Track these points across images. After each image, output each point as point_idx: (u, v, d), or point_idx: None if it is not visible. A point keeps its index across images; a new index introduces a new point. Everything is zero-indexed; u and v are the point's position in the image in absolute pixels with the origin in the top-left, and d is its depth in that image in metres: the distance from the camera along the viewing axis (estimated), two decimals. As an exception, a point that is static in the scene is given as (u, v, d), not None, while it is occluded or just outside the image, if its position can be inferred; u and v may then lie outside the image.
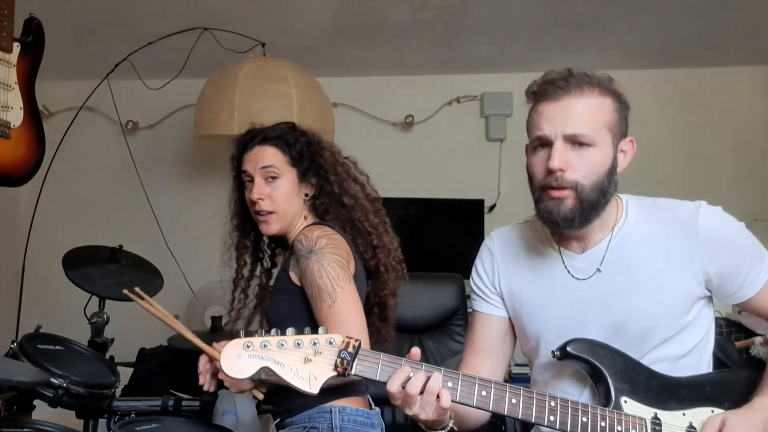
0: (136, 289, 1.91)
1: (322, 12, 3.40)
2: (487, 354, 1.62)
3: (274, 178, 1.82)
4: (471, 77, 4.15)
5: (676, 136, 4.08)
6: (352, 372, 1.25)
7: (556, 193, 1.40)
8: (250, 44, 3.56)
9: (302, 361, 1.23)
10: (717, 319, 2.91)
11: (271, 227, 1.83)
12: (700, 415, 1.41)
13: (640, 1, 3.27)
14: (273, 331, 1.25)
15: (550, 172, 1.39)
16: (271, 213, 1.82)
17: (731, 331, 2.92)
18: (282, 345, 1.23)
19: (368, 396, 1.82)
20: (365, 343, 1.56)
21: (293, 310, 1.73)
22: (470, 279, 1.65)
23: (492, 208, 3.97)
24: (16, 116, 2.23)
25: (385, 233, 1.89)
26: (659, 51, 3.85)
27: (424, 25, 3.55)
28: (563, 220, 1.41)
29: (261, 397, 1.77)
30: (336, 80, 3.93)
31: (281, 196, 1.82)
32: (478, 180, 4.00)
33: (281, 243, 1.95)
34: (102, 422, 2.25)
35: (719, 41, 3.72)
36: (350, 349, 1.25)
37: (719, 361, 1.62)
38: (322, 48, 3.76)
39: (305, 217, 1.86)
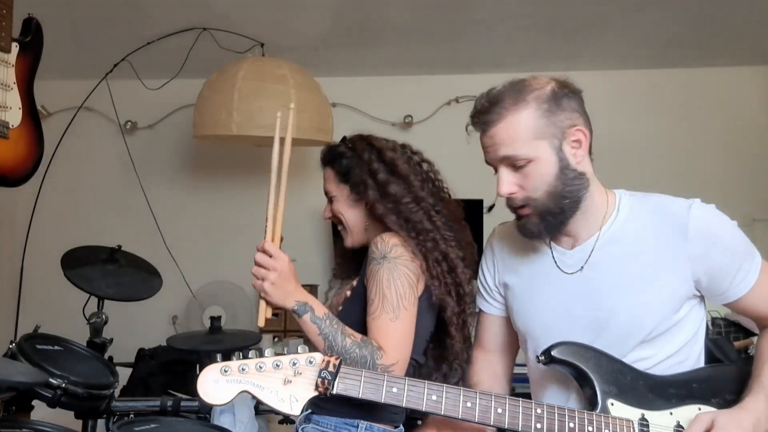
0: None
1: (321, 12, 3.39)
2: (495, 351, 1.67)
3: (331, 199, 1.83)
4: (470, 77, 4.14)
5: (675, 136, 4.08)
6: (334, 391, 1.23)
7: (518, 212, 1.48)
8: (248, 44, 3.56)
9: (282, 383, 1.21)
10: (716, 319, 2.93)
11: (346, 241, 1.84)
12: (687, 413, 1.40)
13: (639, 1, 3.27)
14: (251, 353, 1.23)
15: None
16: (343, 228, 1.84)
17: (730, 331, 2.92)
18: (260, 367, 1.21)
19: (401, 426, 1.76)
20: (402, 369, 1.51)
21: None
22: (479, 277, 1.69)
23: (491, 208, 3.97)
24: (14, 116, 2.23)
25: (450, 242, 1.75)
26: (658, 51, 3.85)
27: (423, 25, 3.55)
28: (530, 234, 1.48)
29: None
30: (335, 80, 3.92)
31: (339, 212, 1.81)
32: (477, 180, 3.96)
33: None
34: (101, 422, 2.25)
35: (718, 41, 3.73)
36: (331, 368, 1.23)
37: (718, 362, 1.61)
38: (321, 48, 3.76)
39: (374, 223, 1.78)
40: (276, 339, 3.87)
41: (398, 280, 1.61)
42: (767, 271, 1.48)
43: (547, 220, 1.44)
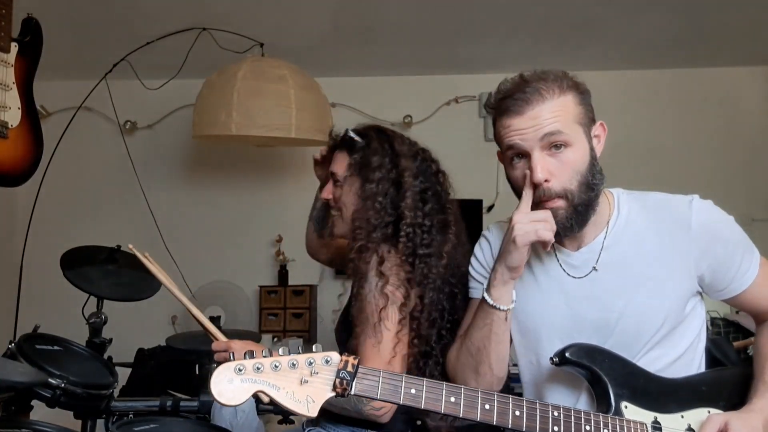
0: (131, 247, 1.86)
1: (321, 12, 3.39)
2: None
3: (336, 182, 1.80)
4: (469, 77, 4.15)
5: (675, 136, 4.09)
6: (352, 392, 1.19)
7: (547, 205, 1.39)
8: (248, 44, 3.55)
9: (298, 383, 1.17)
10: (715, 319, 2.93)
11: (336, 228, 1.82)
12: (697, 416, 1.40)
13: (639, 1, 3.26)
14: (264, 351, 1.20)
15: (535, 185, 1.38)
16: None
17: (729, 331, 2.92)
18: (276, 366, 1.16)
19: None
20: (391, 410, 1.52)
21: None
22: (469, 267, 1.64)
23: (490, 208, 3.97)
24: (14, 116, 2.23)
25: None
26: (658, 51, 3.85)
27: (422, 25, 3.55)
28: (561, 229, 1.40)
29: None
30: (334, 80, 3.93)
31: (343, 202, 1.79)
32: (476, 180, 3.98)
33: None
34: (100, 422, 2.25)
35: (718, 41, 3.72)
36: (349, 368, 1.18)
37: (717, 362, 1.61)
38: (321, 48, 3.76)
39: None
40: (275, 339, 3.87)
41: (381, 299, 1.58)
42: (766, 265, 1.49)
43: (579, 212, 1.39)
